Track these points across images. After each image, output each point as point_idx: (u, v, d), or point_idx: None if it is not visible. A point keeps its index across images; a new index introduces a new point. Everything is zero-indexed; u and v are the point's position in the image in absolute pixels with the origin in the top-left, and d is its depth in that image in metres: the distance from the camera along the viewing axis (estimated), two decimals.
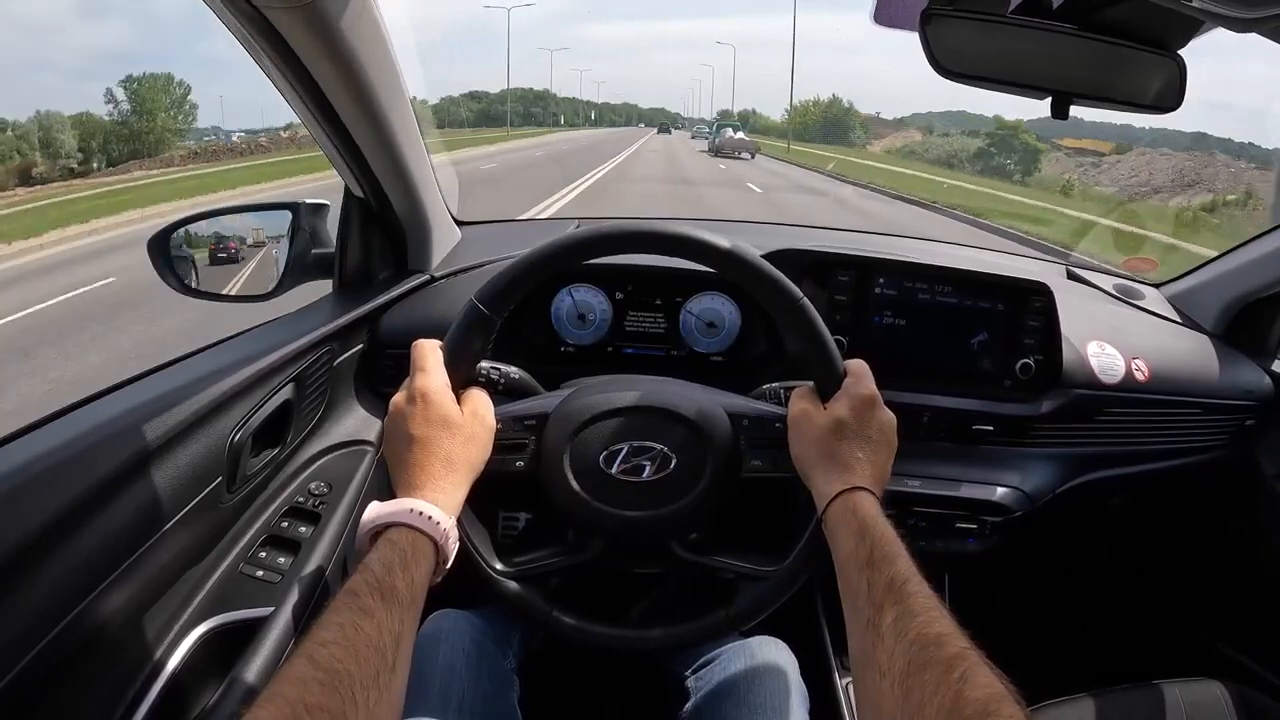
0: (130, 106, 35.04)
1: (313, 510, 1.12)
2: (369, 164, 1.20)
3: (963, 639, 0.64)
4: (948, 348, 1.37)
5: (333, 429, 1.24)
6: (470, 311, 0.91)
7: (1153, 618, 1.81)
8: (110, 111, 34.60)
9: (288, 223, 1.30)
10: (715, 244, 0.91)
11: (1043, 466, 1.40)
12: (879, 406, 0.89)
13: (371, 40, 1.01)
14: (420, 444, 0.83)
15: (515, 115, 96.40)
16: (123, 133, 33.86)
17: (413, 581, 0.73)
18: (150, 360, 1.03)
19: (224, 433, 0.96)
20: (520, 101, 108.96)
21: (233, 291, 1.29)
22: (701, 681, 1.06)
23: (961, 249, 1.81)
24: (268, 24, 0.89)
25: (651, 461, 0.94)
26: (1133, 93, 0.87)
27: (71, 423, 0.85)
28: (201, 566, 0.99)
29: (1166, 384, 1.44)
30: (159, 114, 35.34)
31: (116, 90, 35.22)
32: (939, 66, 0.83)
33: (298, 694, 0.58)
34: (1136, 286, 1.73)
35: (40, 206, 16.07)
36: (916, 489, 1.32)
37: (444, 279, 1.44)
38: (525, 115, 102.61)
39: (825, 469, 0.86)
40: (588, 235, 0.93)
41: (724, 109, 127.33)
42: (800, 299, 0.91)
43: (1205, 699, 1.18)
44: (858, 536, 0.77)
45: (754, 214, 12.82)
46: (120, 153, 31.70)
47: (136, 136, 33.89)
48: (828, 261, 1.37)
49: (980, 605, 0.82)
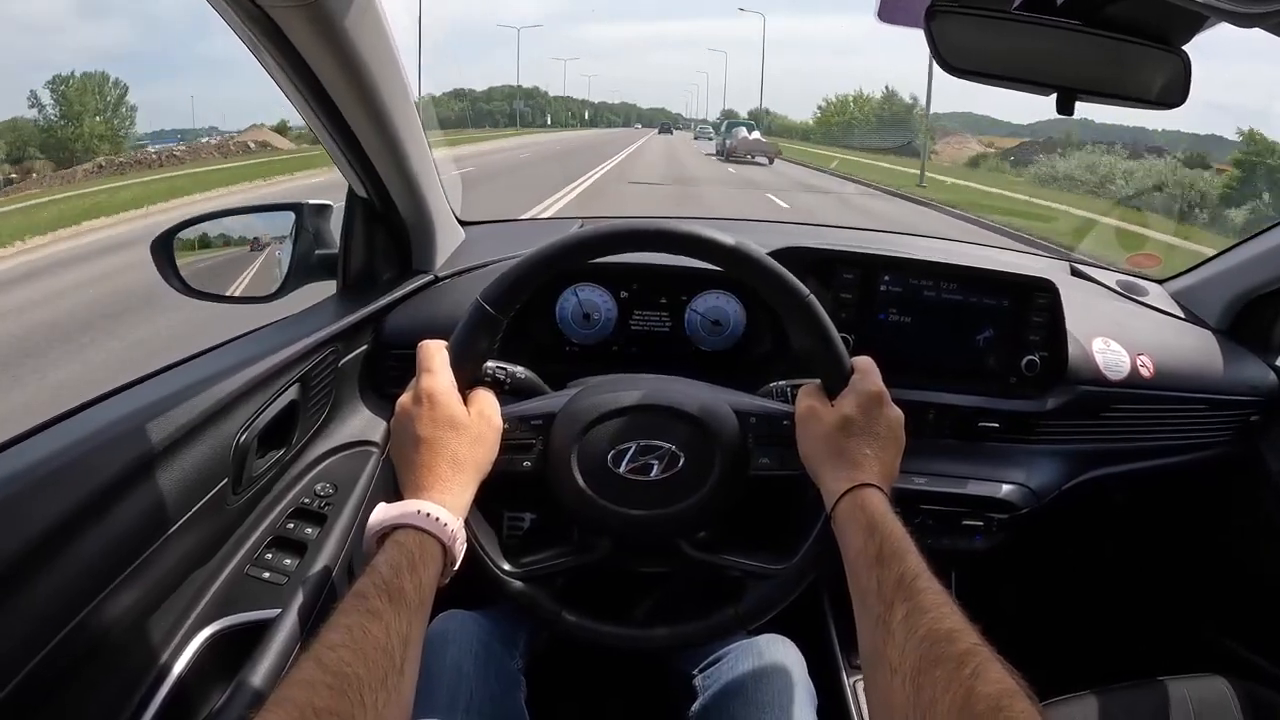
0: (58, 111, 31.77)
1: (319, 511, 1.12)
2: (372, 164, 1.20)
3: (974, 635, 0.64)
4: (953, 345, 1.37)
5: (338, 430, 1.24)
6: (476, 311, 0.91)
7: (1158, 614, 1.81)
8: (37, 118, 31.67)
9: (291, 224, 1.30)
10: (721, 242, 0.91)
11: (1048, 463, 1.40)
12: (886, 403, 0.89)
13: (375, 39, 1.01)
14: (427, 445, 0.83)
15: (501, 115, 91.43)
16: (48, 141, 30.67)
17: (420, 583, 0.73)
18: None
19: (229, 434, 0.96)
20: (506, 100, 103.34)
21: (236, 293, 1.29)
22: (709, 680, 1.05)
23: (966, 246, 1.81)
24: (271, 23, 0.89)
25: (659, 460, 0.94)
26: (1138, 88, 0.87)
27: (76, 425, 0.84)
28: (207, 569, 0.99)
29: (1171, 380, 1.44)
30: (86, 118, 31.84)
31: (42, 93, 32.08)
32: (944, 63, 0.83)
33: (306, 697, 0.58)
34: (1140, 283, 1.73)
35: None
36: (923, 486, 1.32)
37: (448, 279, 1.44)
38: (511, 115, 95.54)
39: (833, 466, 0.85)
40: (593, 234, 0.93)
41: (728, 109, 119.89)
42: (807, 296, 0.91)
43: (1211, 695, 1.18)
44: (867, 533, 0.77)
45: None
46: (38, 162, 27.21)
47: (62, 145, 30.26)
48: (833, 259, 1.37)
49: (986, 602, 0.82)
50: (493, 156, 24.90)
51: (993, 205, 16.26)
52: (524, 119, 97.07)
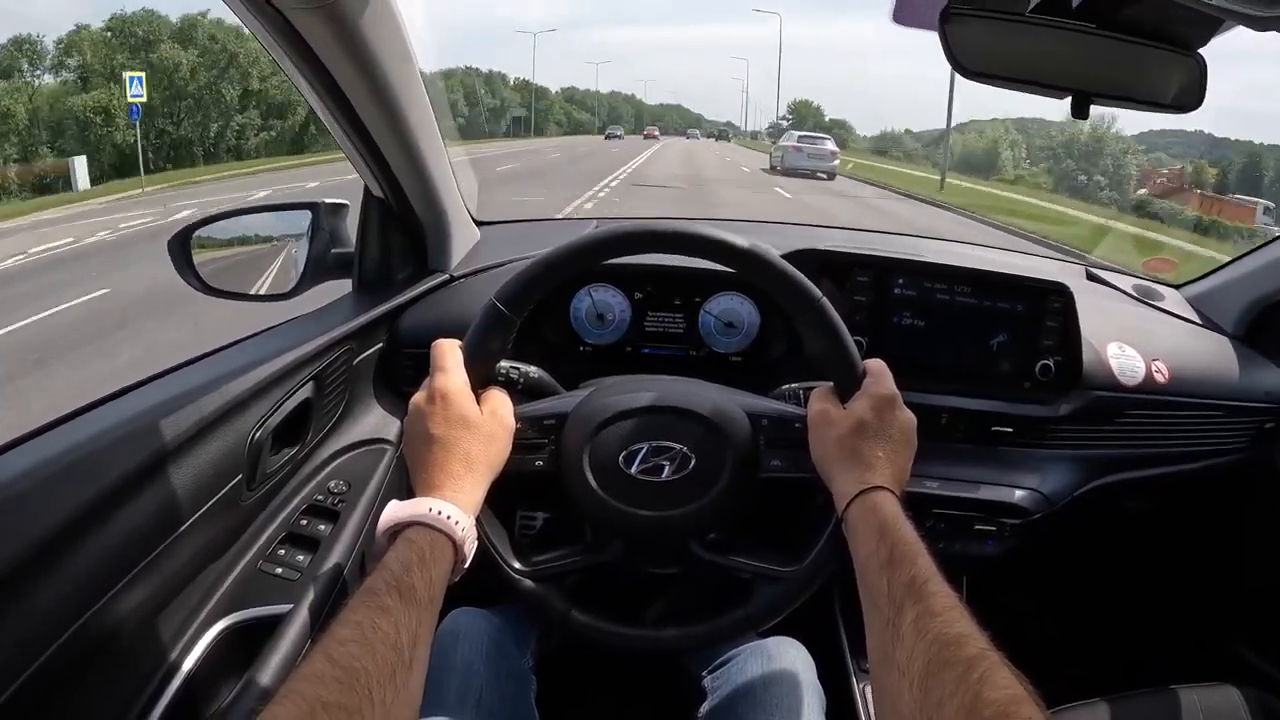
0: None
1: (332, 508, 1.13)
2: (388, 163, 1.21)
3: (983, 640, 0.64)
4: (967, 348, 1.36)
5: (352, 428, 1.25)
6: (490, 311, 0.91)
7: (1169, 622, 1.79)
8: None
9: (308, 222, 1.31)
10: (735, 244, 0.91)
11: (1062, 469, 1.39)
12: (899, 406, 0.89)
13: (392, 40, 1.02)
14: (440, 443, 0.84)
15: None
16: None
17: (431, 580, 0.73)
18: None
19: (244, 431, 0.97)
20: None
21: (253, 291, 1.30)
22: (718, 682, 1.06)
23: (980, 249, 1.80)
24: (289, 25, 0.90)
25: (671, 461, 0.95)
26: (1153, 92, 0.87)
27: (92, 420, 0.85)
28: (221, 564, 1.00)
29: (1186, 386, 1.43)
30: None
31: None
32: (958, 66, 0.82)
33: (315, 691, 0.58)
34: (1156, 288, 1.72)
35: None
36: (935, 490, 1.31)
37: (463, 279, 1.44)
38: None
39: (845, 468, 0.85)
40: (608, 235, 0.93)
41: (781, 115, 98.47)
42: (820, 299, 0.91)
43: (1223, 705, 1.17)
44: (878, 536, 0.77)
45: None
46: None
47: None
48: (847, 262, 1.37)
49: (997, 608, 0.82)
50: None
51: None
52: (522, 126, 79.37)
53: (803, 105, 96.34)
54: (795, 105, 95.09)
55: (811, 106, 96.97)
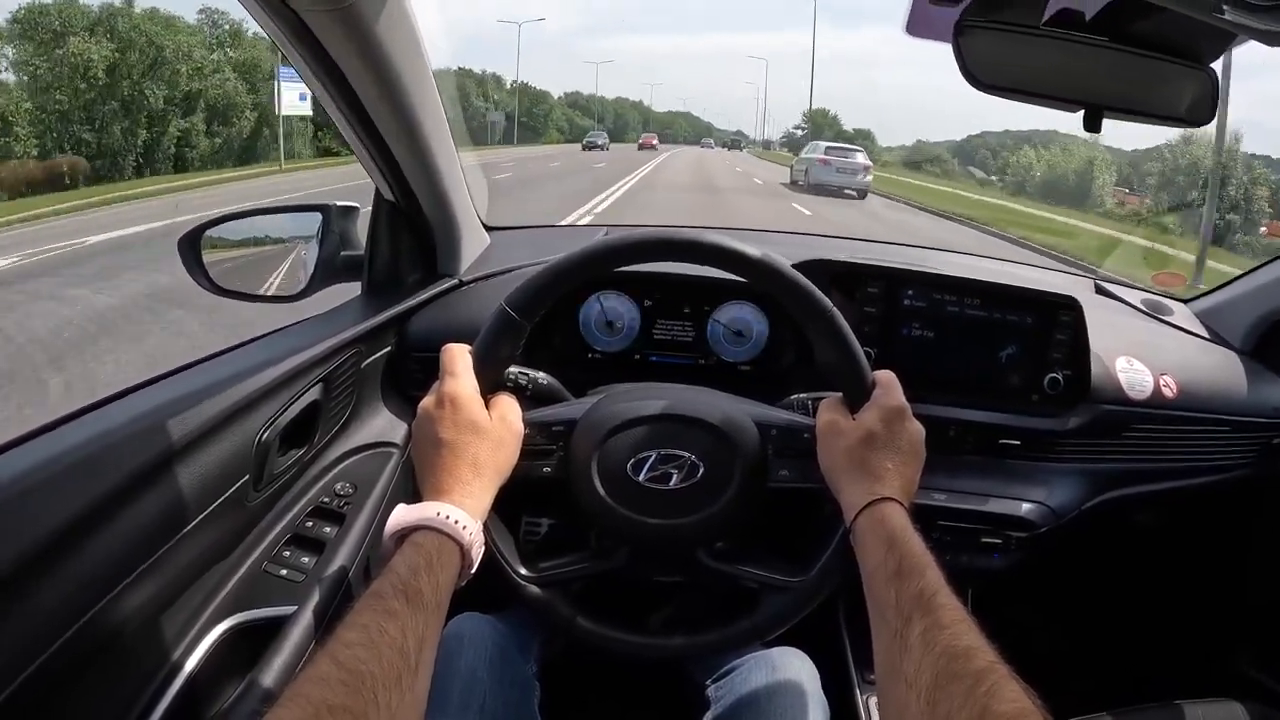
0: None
1: (338, 511, 1.13)
2: (400, 167, 1.21)
3: (991, 653, 0.64)
4: (976, 361, 1.36)
5: (359, 430, 1.25)
6: (500, 317, 0.91)
7: (1175, 636, 1.79)
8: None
9: (318, 224, 1.31)
10: (746, 253, 0.91)
11: (1069, 482, 1.38)
12: (908, 417, 0.89)
13: (406, 44, 1.02)
14: (448, 448, 0.84)
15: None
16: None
17: (437, 585, 0.73)
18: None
19: (251, 432, 0.97)
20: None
21: (262, 292, 1.30)
22: (722, 691, 1.05)
23: (990, 262, 1.80)
24: (304, 26, 0.90)
25: (679, 470, 0.95)
26: (1166, 106, 0.87)
27: (99, 419, 0.85)
28: (226, 564, 1.00)
29: (1194, 401, 1.43)
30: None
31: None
32: (972, 78, 0.83)
33: (320, 694, 0.58)
34: (1165, 302, 1.71)
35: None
36: (942, 502, 1.31)
37: (472, 283, 1.44)
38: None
39: (854, 479, 0.85)
40: (619, 243, 0.93)
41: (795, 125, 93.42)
42: (830, 309, 0.91)
43: None
44: (886, 547, 0.77)
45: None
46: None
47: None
48: (857, 273, 1.37)
49: (1003, 621, 0.82)
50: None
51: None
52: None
53: (819, 114, 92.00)
54: (812, 114, 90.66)
55: (829, 116, 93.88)
